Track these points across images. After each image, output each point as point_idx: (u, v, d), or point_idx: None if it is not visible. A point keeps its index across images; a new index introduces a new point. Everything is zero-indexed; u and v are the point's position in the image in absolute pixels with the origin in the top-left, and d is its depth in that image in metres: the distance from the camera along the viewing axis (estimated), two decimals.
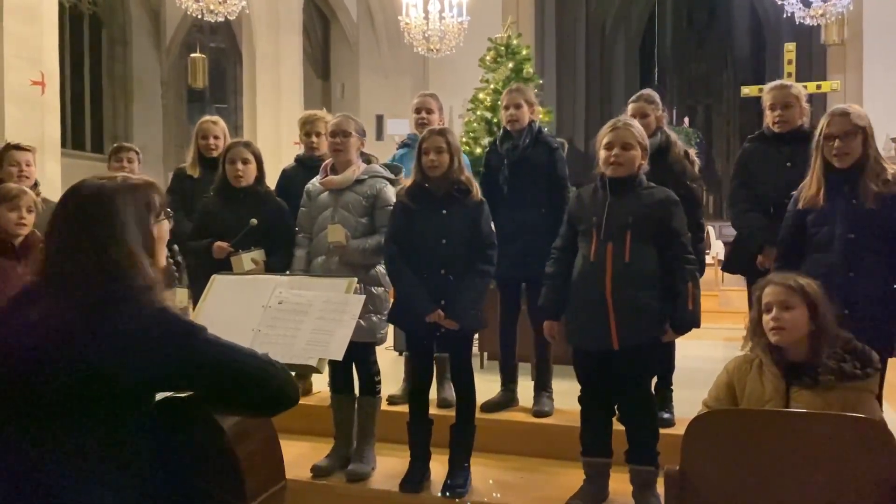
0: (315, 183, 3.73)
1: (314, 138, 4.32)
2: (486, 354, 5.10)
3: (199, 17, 9.64)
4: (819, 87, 10.98)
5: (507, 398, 4.20)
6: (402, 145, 4.72)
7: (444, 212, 3.36)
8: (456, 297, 3.31)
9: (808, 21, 10.29)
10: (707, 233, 4.39)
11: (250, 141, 4.15)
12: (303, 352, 1.99)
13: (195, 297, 2.91)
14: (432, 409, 3.58)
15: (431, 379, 3.60)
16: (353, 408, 3.69)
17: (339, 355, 2.02)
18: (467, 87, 9.54)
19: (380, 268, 3.60)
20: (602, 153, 3.16)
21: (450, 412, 3.67)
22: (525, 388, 4.23)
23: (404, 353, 4.60)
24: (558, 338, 3.34)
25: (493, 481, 3.54)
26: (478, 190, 3.43)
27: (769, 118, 3.78)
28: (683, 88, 23.91)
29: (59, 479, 1.44)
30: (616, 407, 3.32)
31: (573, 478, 3.31)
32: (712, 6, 24.46)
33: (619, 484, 3.22)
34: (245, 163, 3.85)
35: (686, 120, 17.75)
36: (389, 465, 3.63)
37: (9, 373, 1.48)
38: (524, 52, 9.08)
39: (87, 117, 16.53)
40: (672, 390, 3.99)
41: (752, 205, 3.76)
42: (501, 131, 4.26)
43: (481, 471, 3.54)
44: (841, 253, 3.04)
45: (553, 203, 3.95)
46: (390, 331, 4.03)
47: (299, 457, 3.71)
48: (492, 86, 8.87)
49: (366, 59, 15.54)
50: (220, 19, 9.83)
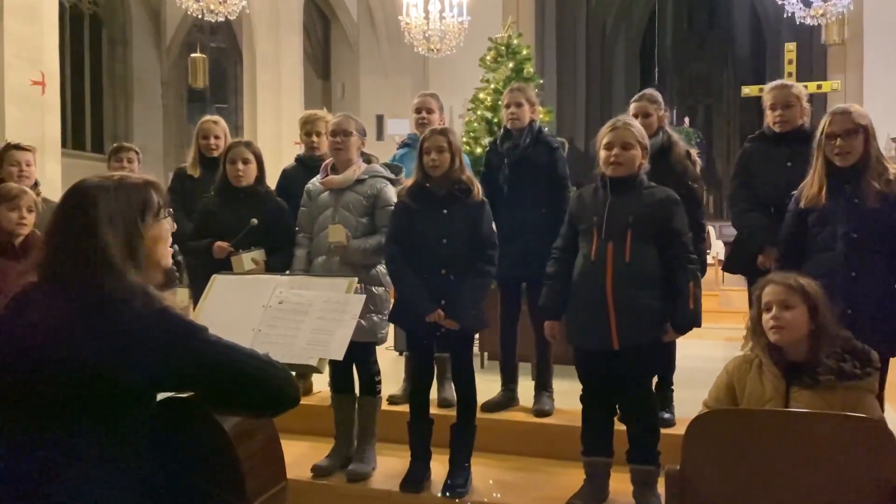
0: (315, 182, 3.73)
1: (314, 138, 4.32)
2: (486, 354, 5.10)
3: (200, 16, 9.64)
4: (819, 86, 10.98)
5: (507, 398, 4.20)
6: (403, 145, 4.73)
7: (445, 211, 3.36)
8: (456, 297, 3.31)
9: (808, 21, 10.29)
10: (707, 233, 4.39)
11: (251, 141, 4.14)
12: (303, 351, 1.99)
13: (195, 297, 2.90)
14: (433, 409, 3.58)
15: (432, 379, 3.60)
16: (354, 408, 3.69)
17: (339, 355, 2.01)
18: (468, 86, 9.53)
19: (380, 267, 3.60)
20: (602, 153, 3.16)
21: (450, 412, 3.67)
22: (525, 388, 4.23)
23: (405, 353, 4.60)
24: (559, 337, 3.34)
25: (493, 481, 3.53)
26: (479, 190, 3.42)
27: (770, 118, 3.78)
28: (684, 88, 23.95)
29: (60, 479, 1.45)
30: (617, 406, 3.32)
31: (574, 477, 3.31)
32: (713, 6, 24.50)
33: (620, 484, 3.22)
34: (245, 163, 3.85)
35: (686, 120, 17.75)
36: (390, 464, 3.63)
37: (9, 373, 1.48)
38: (524, 52, 9.07)
39: (88, 117, 16.52)
40: (673, 390, 4.00)
41: (752, 205, 3.75)
42: (502, 130, 4.27)
43: (482, 471, 3.54)
44: (843, 252, 3.03)
45: (553, 203, 3.95)
46: (391, 331, 4.03)
47: (300, 457, 3.71)
48: (492, 86, 8.86)
49: (366, 59, 15.53)
50: (221, 19, 9.83)
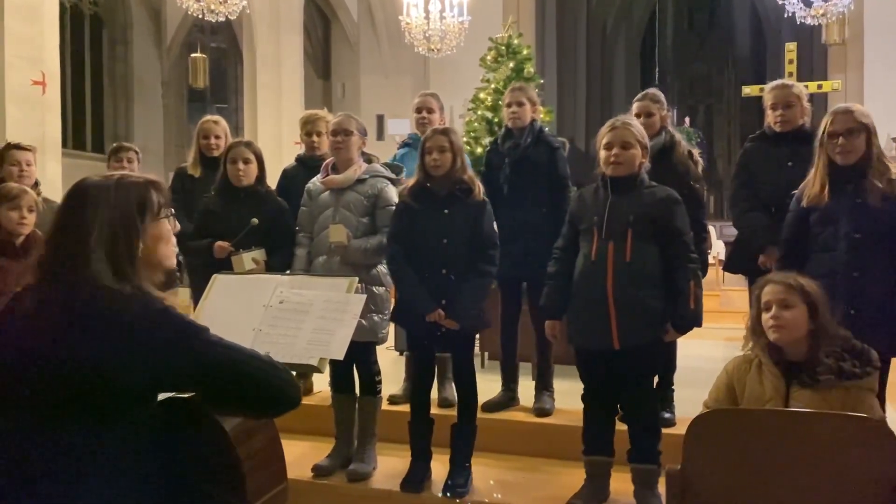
0: (316, 182, 3.73)
1: (315, 138, 4.32)
2: (486, 354, 5.10)
3: (200, 16, 9.64)
4: (820, 86, 10.98)
5: (507, 398, 4.20)
6: (403, 145, 4.72)
7: (446, 211, 3.35)
8: (457, 297, 3.31)
9: (808, 21, 10.28)
10: (709, 233, 4.39)
11: (251, 141, 4.15)
12: (304, 351, 1.99)
13: (196, 297, 2.91)
14: (433, 409, 3.58)
15: (433, 379, 3.60)
16: (354, 407, 3.69)
17: (340, 355, 2.01)
18: (468, 86, 9.53)
19: (381, 267, 3.60)
20: (602, 153, 3.16)
21: (451, 412, 3.67)
22: (526, 388, 4.23)
23: (405, 353, 4.60)
24: (560, 337, 3.34)
25: (494, 481, 3.53)
26: (480, 189, 3.42)
27: (770, 118, 3.78)
28: (684, 88, 23.92)
29: (60, 480, 1.44)
30: (618, 406, 3.32)
31: (574, 477, 3.31)
32: (713, 6, 24.48)
33: (621, 483, 3.22)
34: (246, 162, 3.85)
35: (687, 120, 17.75)
36: (390, 464, 3.63)
37: (9, 372, 1.48)
38: (525, 52, 9.07)
39: (88, 117, 16.52)
40: (673, 390, 3.99)
41: (753, 204, 3.75)
42: (503, 130, 4.26)
43: (482, 470, 3.54)
44: (846, 252, 3.02)
45: (554, 203, 3.95)
46: (391, 330, 4.03)
47: (300, 456, 3.71)
48: (492, 85, 8.86)
49: (366, 59, 15.53)
50: (221, 19, 9.83)
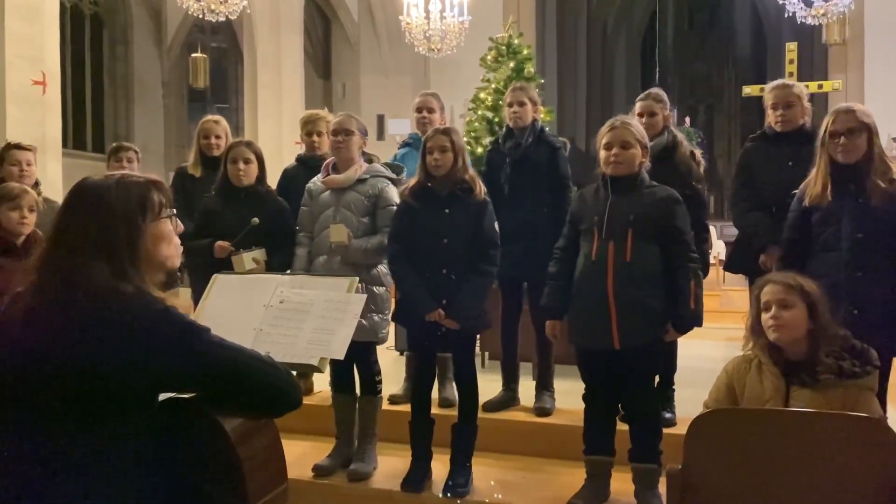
0: (317, 182, 3.72)
1: (315, 138, 4.31)
2: (487, 354, 5.09)
3: (201, 16, 9.65)
4: (821, 86, 10.98)
5: (508, 398, 4.20)
6: (404, 145, 4.72)
7: (447, 211, 3.35)
8: (457, 297, 3.31)
9: (809, 21, 10.29)
10: (709, 233, 4.38)
11: (252, 141, 4.15)
12: (304, 351, 1.99)
13: (196, 297, 2.91)
14: (434, 409, 3.58)
15: (433, 378, 3.60)
16: (355, 407, 3.69)
17: (340, 355, 2.01)
18: (468, 86, 9.54)
19: (381, 267, 3.60)
20: (602, 153, 3.16)
21: (451, 412, 3.67)
22: (526, 388, 4.23)
23: (405, 353, 4.60)
24: (560, 337, 3.34)
25: (494, 481, 3.53)
26: (481, 188, 3.41)
27: (771, 117, 3.78)
28: (685, 88, 23.90)
29: (60, 480, 1.44)
30: (619, 406, 3.32)
31: (575, 477, 3.31)
32: (713, 6, 24.46)
33: (621, 483, 3.22)
34: (247, 162, 3.85)
35: (687, 120, 17.72)
36: (391, 464, 3.63)
37: (10, 373, 1.48)
38: (525, 52, 9.07)
39: (89, 117, 16.52)
40: (674, 390, 3.99)
41: (754, 204, 3.75)
42: (504, 129, 4.25)
43: (483, 470, 3.54)
44: (849, 252, 3.02)
45: (555, 203, 3.94)
46: (391, 330, 4.03)
47: (301, 456, 3.71)
48: (493, 85, 8.87)
49: (367, 59, 15.53)
50: (222, 19, 9.84)
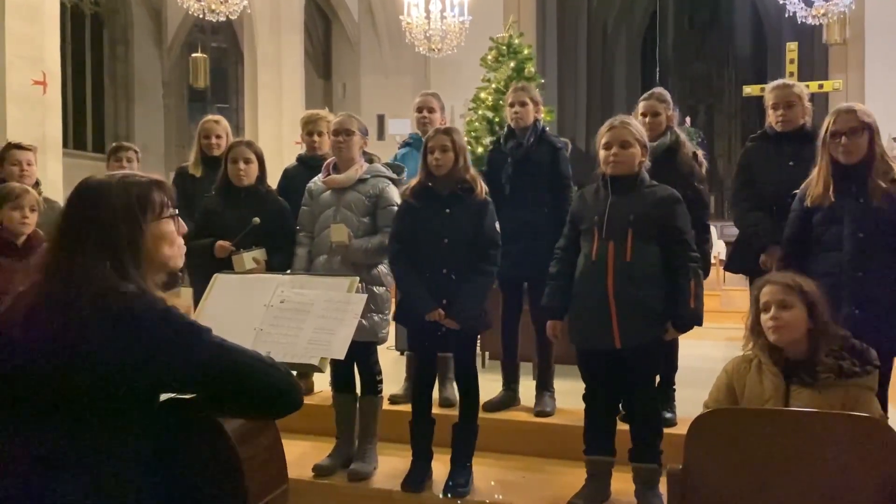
0: (317, 182, 3.73)
1: (316, 138, 4.31)
2: (487, 354, 5.10)
3: (201, 16, 9.64)
4: (821, 86, 10.98)
5: (508, 398, 4.20)
6: (404, 144, 4.72)
7: (448, 211, 3.35)
8: (457, 297, 3.31)
9: (809, 21, 10.28)
10: (710, 234, 4.37)
11: (252, 140, 4.15)
12: (305, 351, 1.99)
13: (196, 297, 2.90)
14: (434, 409, 3.58)
15: (434, 378, 3.60)
16: (355, 407, 3.69)
17: (341, 354, 2.01)
18: (469, 86, 9.54)
19: (381, 267, 3.60)
20: (602, 153, 3.16)
21: (452, 412, 3.67)
22: (527, 388, 4.23)
23: (406, 353, 4.60)
24: (561, 337, 3.34)
25: (495, 481, 3.53)
26: (482, 188, 3.41)
27: (772, 117, 3.78)
28: (685, 88, 23.89)
29: (60, 479, 1.44)
30: (619, 406, 3.31)
31: (575, 477, 3.31)
32: (714, 6, 24.46)
33: (622, 483, 3.22)
34: (247, 162, 3.85)
35: (688, 119, 17.70)
36: (391, 464, 3.63)
37: (11, 371, 1.48)
38: (526, 52, 9.07)
39: (89, 117, 16.51)
40: (675, 389, 3.99)
41: (754, 204, 3.74)
42: (506, 129, 4.25)
43: (483, 470, 3.54)
44: (850, 252, 3.01)
45: (556, 203, 3.94)
46: (391, 330, 4.03)
47: (301, 456, 3.71)
48: (493, 85, 8.86)
49: (367, 59, 15.53)
50: (222, 19, 9.83)
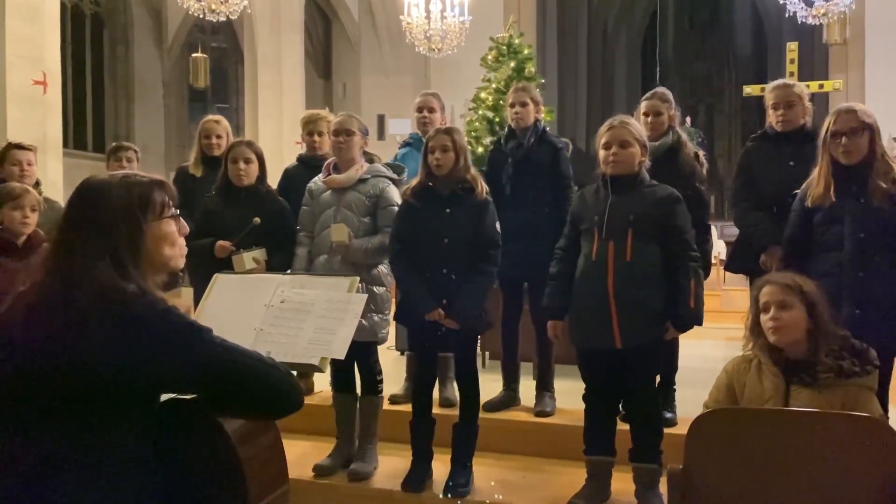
0: (317, 181, 3.72)
1: (316, 138, 4.31)
2: (487, 354, 5.10)
3: (201, 16, 9.65)
4: (821, 86, 10.97)
5: (509, 398, 4.19)
6: (404, 144, 4.72)
7: (448, 210, 3.35)
8: (457, 297, 3.30)
9: (809, 20, 10.28)
10: (711, 234, 4.36)
11: (252, 140, 4.15)
12: (305, 350, 1.99)
13: (196, 297, 2.90)
14: (434, 409, 3.57)
15: (434, 378, 3.60)
16: (355, 407, 3.69)
17: (341, 354, 2.01)
18: (469, 86, 9.53)
19: (382, 267, 3.60)
20: (601, 153, 3.16)
21: (452, 412, 3.67)
22: (527, 388, 4.22)
23: (406, 353, 4.60)
24: (562, 337, 3.34)
25: (495, 481, 3.53)
26: (483, 188, 3.40)
27: (772, 117, 3.77)
28: (685, 88, 23.90)
29: (60, 479, 1.44)
30: (620, 406, 3.31)
31: (575, 477, 3.31)
32: (714, 6, 24.47)
33: (622, 483, 3.22)
34: (247, 162, 3.85)
35: (688, 119, 17.71)
36: (391, 464, 3.63)
37: (13, 372, 1.48)
38: (526, 52, 9.07)
39: (89, 117, 16.53)
40: (675, 389, 3.99)
41: (755, 204, 3.74)
42: (506, 129, 4.24)
43: (483, 470, 3.54)
44: (850, 252, 3.01)
45: (557, 203, 3.94)
46: (391, 330, 4.03)
47: (301, 456, 3.71)
48: (493, 85, 8.86)
49: (367, 59, 15.54)
50: (222, 19, 9.84)
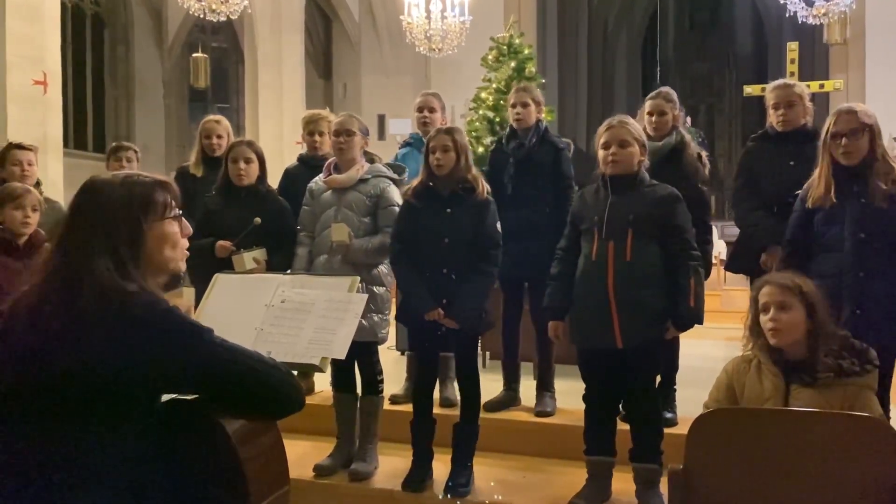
0: (318, 181, 3.73)
1: (317, 137, 4.31)
2: (488, 354, 5.09)
3: (202, 16, 9.65)
4: (822, 86, 10.97)
5: (509, 398, 4.19)
6: (405, 144, 4.72)
7: (449, 210, 3.35)
8: (457, 297, 3.30)
9: (810, 20, 10.28)
10: (712, 234, 4.35)
11: (253, 140, 4.15)
12: (306, 350, 1.99)
13: (197, 297, 2.91)
14: (435, 409, 3.57)
15: (435, 378, 3.60)
16: (356, 407, 3.69)
17: (341, 354, 2.01)
18: (469, 86, 9.52)
19: (382, 267, 3.60)
20: (600, 153, 3.16)
21: (452, 412, 3.67)
22: (527, 388, 4.22)
23: (406, 353, 4.60)
24: (563, 337, 3.34)
25: (495, 481, 3.53)
26: (484, 187, 3.40)
27: (772, 117, 3.77)
28: (685, 88, 23.89)
29: (61, 478, 1.44)
30: (620, 406, 3.31)
31: (576, 477, 3.31)
32: (714, 5, 24.48)
33: (623, 483, 3.22)
34: (247, 162, 3.85)
35: (688, 119, 17.71)
36: (392, 464, 3.63)
37: (14, 372, 1.48)
38: (526, 52, 9.06)
39: (90, 117, 16.53)
40: (675, 389, 3.99)
41: (755, 204, 3.74)
42: (508, 129, 4.24)
43: (484, 470, 3.54)
44: (851, 253, 3.01)
45: (558, 203, 3.93)
46: (392, 330, 4.03)
47: (302, 456, 3.70)
48: (494, 85, 8.85)
49: (367, 59, 15.54)
50: (222, 19, 9.84)
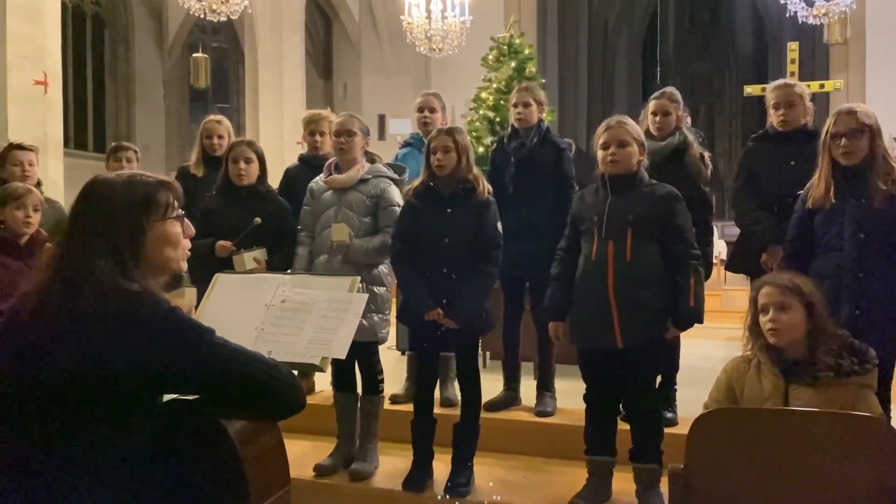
0: (319, 181, 3.73)
1: (318, 137, 4.31)
2: (488, 354, 5.10)
3: (202, 16, 9.65)
4: (822, 86, 10.97)
5: (509, 397, 4.20)
6: (405, 144, 4.72)
7: (450, 210, 3.35)
8: (457, 297, 3.31)
9: (810, 20, 10.29)
10: (713, 235, 4.36)
11: (253, 140, 4.15)
12: (306, 350, 1.99)
13: (197, 297, 2.91)
14: (435, 409, 3.57)
15: (436, 378, 3.60)
16: (356, 407, 3.69)
17: (342, 354, 2.01)
18: (470, 86, 9.51)
19: (382, 267, 3.60)
20: (599, 153, 3.16)
21: (453, 411, 3.68)
22: (528, 388, 4.23)
23: (406, 353, 4.60)
24: (563, 338, 3.34)
25: (495, 481, 3.53)
26: (485, 188, 3.40)
27: (773, 117, 3.77)
28: (686, 88, 23.83)
29: (61, 478, 1.45)
30: (620, 406, 3.31)
31: (576, 477, 3.31)
32: (715, 5, 24.50)
33: (623, 483, 3.22)
34: (248, 162, 3.86)
35: (689, 119, 17.71)
36: (392, 464, 3.63)
37: (15, 371, 1.48)
38: (526, 52, 9.04)
39: (90, 117, 16.54)
40: (676, 389, 3.99)
41: (756, 203, 3.74)
42: (509, 129, 4.24)
43: (484, 470, 3.54)
44: (851, 253, 3.01)
45: (559, 203, 3.93)
46: (392, 330, 4.03)
47: (302, 456, 3.71)
48: (494, 85, 8.83)
49: (368, 59, 15.55)
50: (223, 19, 9.84)
